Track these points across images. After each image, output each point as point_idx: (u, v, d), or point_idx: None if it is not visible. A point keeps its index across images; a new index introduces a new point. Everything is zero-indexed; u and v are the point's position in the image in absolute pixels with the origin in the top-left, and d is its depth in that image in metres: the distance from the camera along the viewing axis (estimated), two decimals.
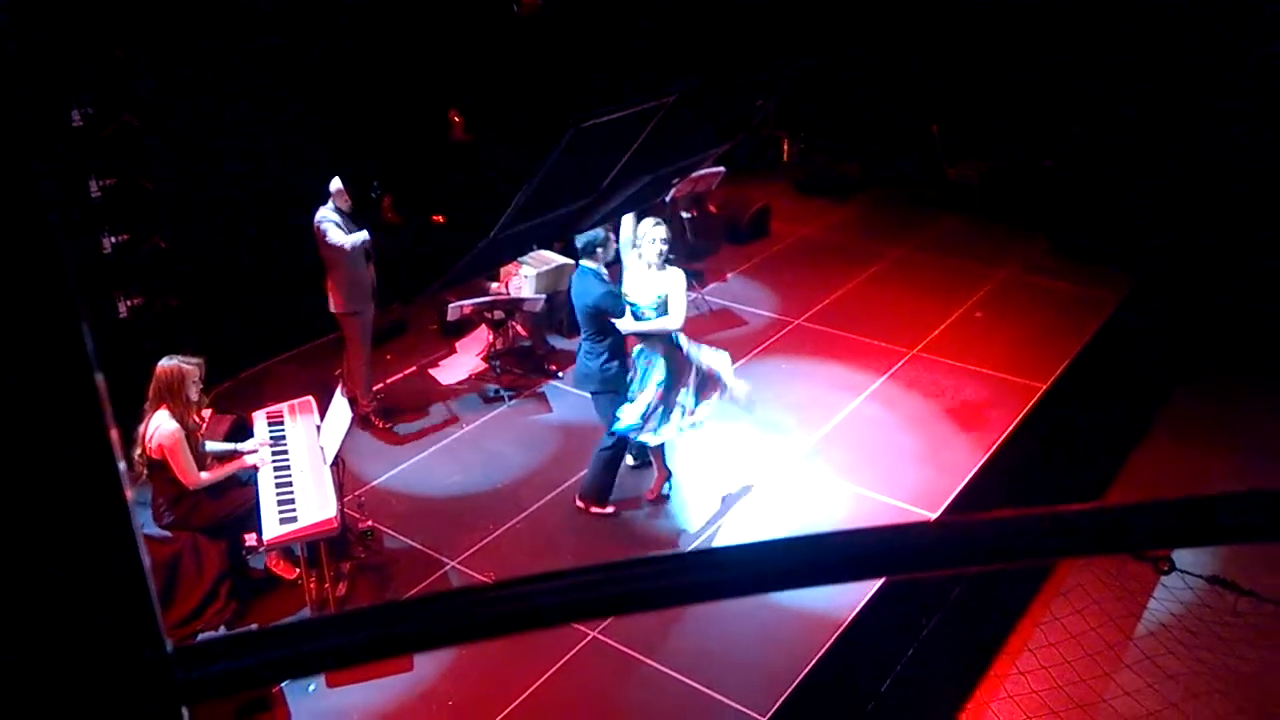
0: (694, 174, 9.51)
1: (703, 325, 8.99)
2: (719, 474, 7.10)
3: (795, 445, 7.44)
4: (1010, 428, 7.60)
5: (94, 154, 7.19)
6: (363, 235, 7.18)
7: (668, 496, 6.85)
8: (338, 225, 7.15)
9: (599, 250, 6.38)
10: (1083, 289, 9.85)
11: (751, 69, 8.35)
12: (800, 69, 11.28)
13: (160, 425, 5.40)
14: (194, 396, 5.55)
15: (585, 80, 9.59)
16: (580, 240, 6.47)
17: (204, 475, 5.58)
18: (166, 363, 5.49)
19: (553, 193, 7.27)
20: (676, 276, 6.28)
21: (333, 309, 7.43)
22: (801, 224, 11.59)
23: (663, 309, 6.25)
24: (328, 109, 8.65)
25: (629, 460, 6.99)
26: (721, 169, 10.01)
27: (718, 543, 6.65)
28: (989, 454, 7.30)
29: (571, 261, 8.87)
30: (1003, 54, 11.73)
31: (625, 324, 6.32)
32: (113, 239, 7.38)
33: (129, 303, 7.53)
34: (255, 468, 5.81)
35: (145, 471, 5.53)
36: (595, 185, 7.91)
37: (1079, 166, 11.11)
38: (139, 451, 5.46)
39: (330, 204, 7.16)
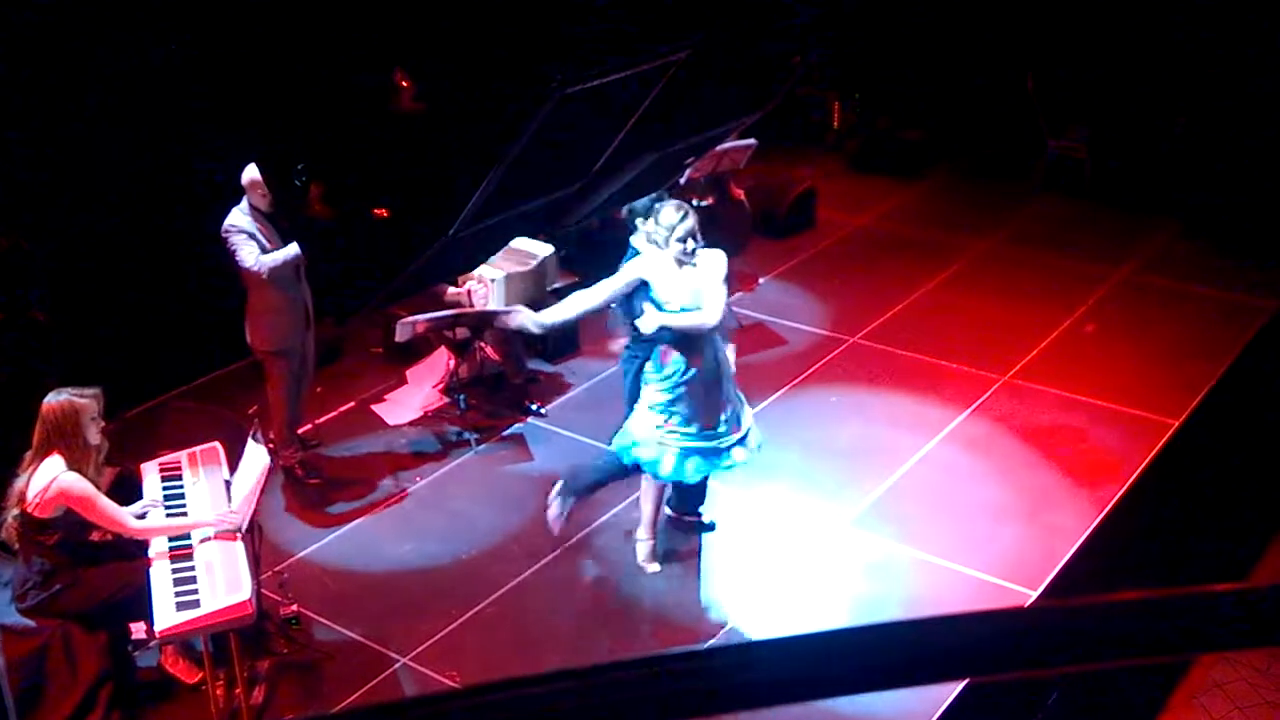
0: (716, 149, 9.54)
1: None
2: (751, 541, 7.09)
3: (849, 502, 7.43)
4: (1132, 478, 7.58)
5: None
6: (289, 251, 7.03)
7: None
8: (251, 237, 6.97)
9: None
10: (1227, 293, 9.85)
11: (785, 13, 8.37)
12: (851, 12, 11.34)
13: (57, 475, 5.49)
14: (93, 438, 5.65)
15: (572, 31, 9.65)
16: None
17: (137, 524, 5.73)
18: (54, 399, 5.60)
19: (530, 177, 7.30)
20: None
21: (251, 344, 7.39)
22: (857, 211, 11.62)
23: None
24: (239, 69, 8.70)
25: (665, 510, 7.01)
26: (752, 141, 10.03)
27: (750, 634, 6.63)
28: (1104, 513, 7.28)
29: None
30: None
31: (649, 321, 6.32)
32: None
33: None
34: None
35: (16, 538, 5.58)
36: (585, 167, 7.94)
37: (1221, 131, 11.12)
38: (15, 512, 5.51)
39: (244, 203, 7.04)
